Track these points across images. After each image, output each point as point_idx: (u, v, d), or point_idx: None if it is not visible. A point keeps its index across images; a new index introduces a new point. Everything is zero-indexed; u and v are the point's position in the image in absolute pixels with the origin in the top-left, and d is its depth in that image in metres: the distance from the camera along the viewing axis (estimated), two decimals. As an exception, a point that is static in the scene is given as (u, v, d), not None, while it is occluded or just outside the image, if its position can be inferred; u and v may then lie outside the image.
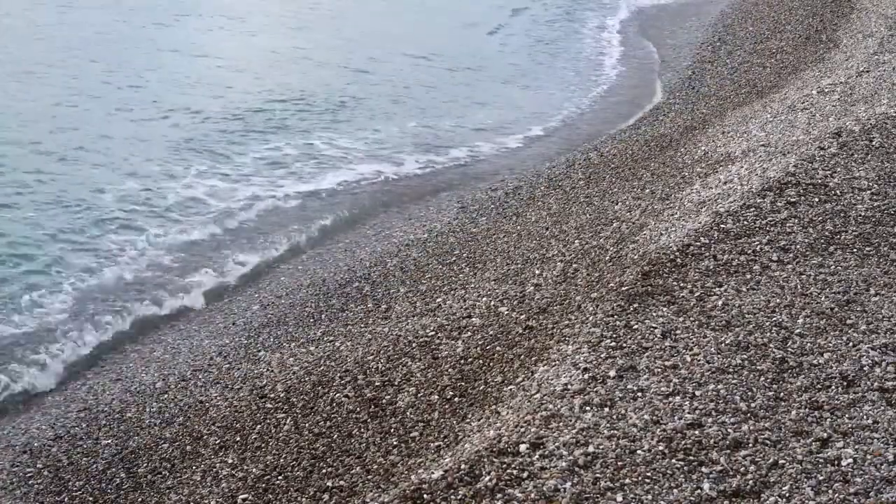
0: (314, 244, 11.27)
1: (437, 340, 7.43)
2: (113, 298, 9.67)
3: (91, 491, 6.76)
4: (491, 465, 4.92)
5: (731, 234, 7.49)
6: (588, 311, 6.69)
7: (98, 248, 10.61)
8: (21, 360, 8.44)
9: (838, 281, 6.75)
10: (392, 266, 9.86)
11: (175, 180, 12.60)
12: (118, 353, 8.93)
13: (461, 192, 12.69)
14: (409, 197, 12.82)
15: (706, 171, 9.88)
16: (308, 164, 13.61)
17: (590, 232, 9.09)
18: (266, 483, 6.34)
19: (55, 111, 14.74)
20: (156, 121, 14.79)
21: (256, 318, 9.22)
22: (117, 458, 7.05)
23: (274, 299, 9.65)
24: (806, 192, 8.21)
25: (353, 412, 6.77)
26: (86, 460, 7.09)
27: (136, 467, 6.93)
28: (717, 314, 6.31)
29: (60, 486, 6.84)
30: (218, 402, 7.56)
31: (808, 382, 5.55)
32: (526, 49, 21.23)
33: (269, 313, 9.28)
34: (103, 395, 8.06)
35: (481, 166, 14.03)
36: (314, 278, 10.03)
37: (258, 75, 17.66)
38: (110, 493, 6.72)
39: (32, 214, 11.23)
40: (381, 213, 12.27)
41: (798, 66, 15.39)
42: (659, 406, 5.31)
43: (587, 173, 12.02)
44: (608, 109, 16.90)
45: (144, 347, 9.02)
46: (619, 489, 4.68)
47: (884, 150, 9.21)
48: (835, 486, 4.70)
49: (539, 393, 5.66)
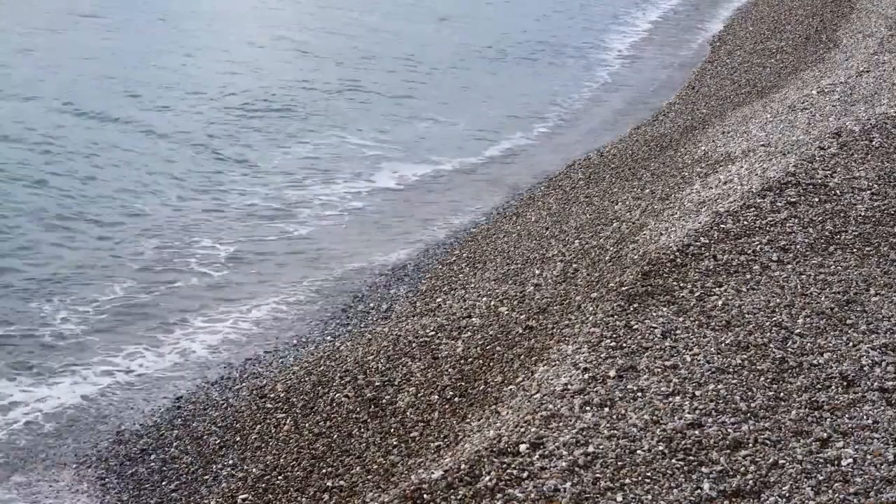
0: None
1: (437, 340, 7.43)
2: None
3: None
4: (491, 465, 4.92)
5: (731, 234, 7.49)
6: (588, 311, 6.69)
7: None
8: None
9: (838, 281, 6.75)
10: (393, 266, 9.87)
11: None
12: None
13: (462, 192, 12.69)
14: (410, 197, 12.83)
15: (706, 171, 9.88)
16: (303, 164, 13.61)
17: (590, 232, 9.09)
18: (266, 483, 6.34)
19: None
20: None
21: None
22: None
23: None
24: (806, 192, 8.21)
25: (353, 412, 6.77)
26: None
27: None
28: (717, 314, 6.31)
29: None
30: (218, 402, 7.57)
31: (808, 382, 5.55)
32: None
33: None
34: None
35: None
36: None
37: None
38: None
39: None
40: (381, 212, 12.28)
41: (798, 66, 15.40)
42: (659, 406, 5.31)
43: (587, 173, 12.02)
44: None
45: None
46: (619, 489, 4.68)
47: (884, 150, 9.21)
48: (835, 486, 4.70)
49: (539, 393, 5.65)
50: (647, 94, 17.55)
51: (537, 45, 21.43)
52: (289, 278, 10.17)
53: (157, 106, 15.43)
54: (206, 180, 12.64)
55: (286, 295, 9.70)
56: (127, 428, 7.44)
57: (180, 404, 7.67)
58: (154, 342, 8.83)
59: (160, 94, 15.98)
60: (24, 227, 10.89)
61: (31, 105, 14.97)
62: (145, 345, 8.78)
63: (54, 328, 8.97)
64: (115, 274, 10.06)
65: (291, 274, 10.31)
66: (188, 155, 13.49)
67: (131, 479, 6.83)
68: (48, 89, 15.63)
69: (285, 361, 8.00)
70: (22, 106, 14.86)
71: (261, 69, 17.97)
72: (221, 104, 15.73)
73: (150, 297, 9.68)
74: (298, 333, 8.68)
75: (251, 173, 13.06)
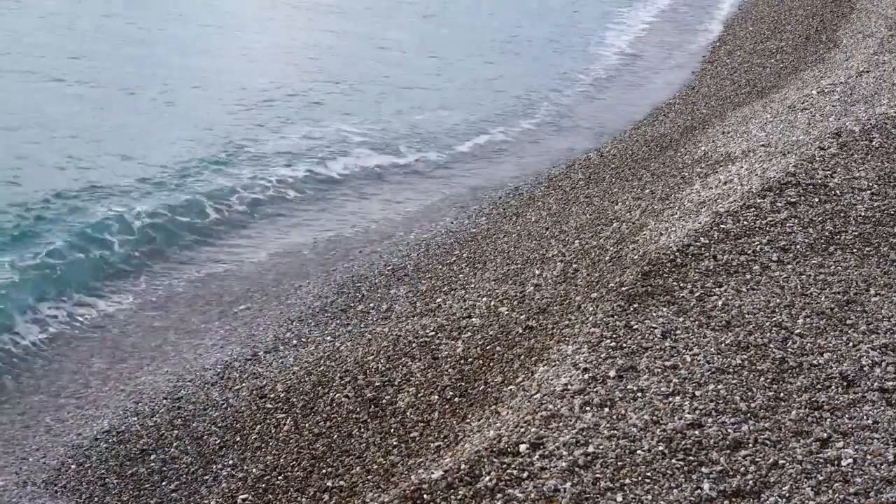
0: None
1: (437, 340, 7.43)
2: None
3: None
4: (491, 465, 4.92)
5: (731, 235, 7.49)
6: (588, 311, 6.70)
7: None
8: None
9: (838, 281, 6.76)
10: (393, 266, 9.87)
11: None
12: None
13: (461, 192, 12.69)
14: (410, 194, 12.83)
15: (706, 171, 9.89)
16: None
17: (590, 232, 9.09)
18: (266, 483, 6.34)
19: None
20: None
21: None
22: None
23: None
24: (806, 192, 8.21)
25: (353, 412, 6.77)
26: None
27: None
28: (717, 314, 6.31)
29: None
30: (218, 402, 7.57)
31: (808, 382, 5.55)
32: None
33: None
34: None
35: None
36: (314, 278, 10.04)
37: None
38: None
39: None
40: (380, 211, 12.28)
41: (798, 66, 15.40)
42: (659, 406, 5.31)
43: (587, 173, 12.02)
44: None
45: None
46: (619, 489, 4.68)
47: (884, 150, 9.21)
48: (835, 487, 4.70)
49: (539, 393, 5.66)
50: (646, 93, 17.56)
51: (526, 41, 21.41)
52: (288, 278, 10.17)
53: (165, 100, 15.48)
54: (206, 183, 12.64)
55: (286, 295, 9.71)
56: (127, 428, 7.44)
57: (180, 404, 7.67)
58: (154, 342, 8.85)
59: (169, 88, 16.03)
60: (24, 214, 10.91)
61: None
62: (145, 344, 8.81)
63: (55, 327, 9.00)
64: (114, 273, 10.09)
65: (291, 273, 10.31)
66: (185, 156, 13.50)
67: (131, 479, 6.83)
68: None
69: (285, 361, 7.99)
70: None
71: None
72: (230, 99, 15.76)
73: (150, 297, 9.69)
74: (298, 333, 8.68)
75: (245, 173, 13.06)
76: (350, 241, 11.25)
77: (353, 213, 12.26)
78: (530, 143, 15.19)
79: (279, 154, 13.66)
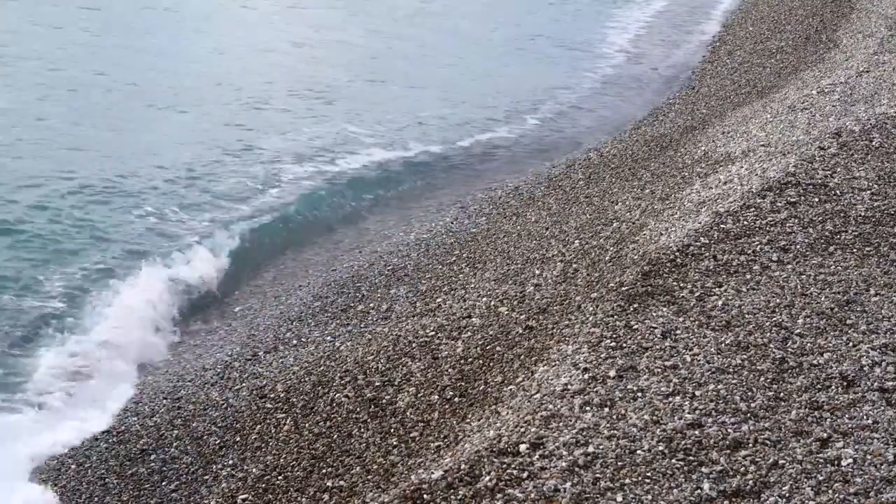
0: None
1: (437, 340, 7.43)
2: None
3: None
4: (491, 465, 4.92)
5: (731, 234, 7.49)
6: (588, 311, 6.70)
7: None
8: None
9: (838, 281, 6.76)
10: (393, 266, 9.86)
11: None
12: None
13: (461, 192, 12.69)
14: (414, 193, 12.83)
15: (706, 171, 9.89)
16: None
17: (590, 232, 9.09)
18: (266, 483, 6.35)
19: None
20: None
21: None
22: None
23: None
24: (806, 192, 8.21)
25: (353, 412, 6.77)
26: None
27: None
28: (717, 314, 6.31)
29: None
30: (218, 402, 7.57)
31: (808, 382, 5.55)
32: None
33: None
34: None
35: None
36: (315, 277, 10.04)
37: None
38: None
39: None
40: (380, 211, 12.28)
41: (798, 66, 15.39)
42: (659, 406, 5.31)
43: (587, 173, 12.01)
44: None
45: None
46: (619, 489, 4.68)
47: (884, 150, 9.21)
48: (835, 486, 4.70)
49: (539, 393, 5.66)
50: (645, 93, 17.55)
51: (528, 40, 21.40)
52: (288, 278, 10.17)
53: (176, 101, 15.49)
54: (206, 184, 12.62)
55: (286, 295, 9.71)
56: (127, 428, 7.44)
57: (180, 404, 7.67)
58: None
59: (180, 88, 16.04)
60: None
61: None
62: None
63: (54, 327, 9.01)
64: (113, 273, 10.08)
65: (291, 273, 10.32)
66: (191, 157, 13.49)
67: (131, 479, 6.84)
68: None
69: (285, 361, 7.99)
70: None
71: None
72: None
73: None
74: (298, 333, 8.68)
75: (249, 173, 13.04)
76: (350, 241, 11.25)
77: (352, 213, 12.26)
78: (530, 142, 15.19)
79: (285, 153, 13.65)
